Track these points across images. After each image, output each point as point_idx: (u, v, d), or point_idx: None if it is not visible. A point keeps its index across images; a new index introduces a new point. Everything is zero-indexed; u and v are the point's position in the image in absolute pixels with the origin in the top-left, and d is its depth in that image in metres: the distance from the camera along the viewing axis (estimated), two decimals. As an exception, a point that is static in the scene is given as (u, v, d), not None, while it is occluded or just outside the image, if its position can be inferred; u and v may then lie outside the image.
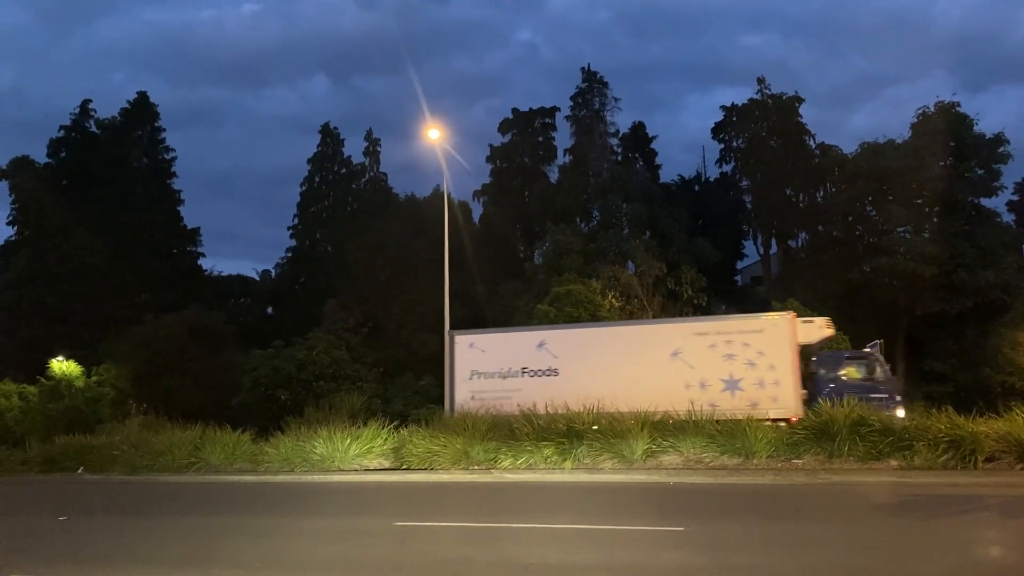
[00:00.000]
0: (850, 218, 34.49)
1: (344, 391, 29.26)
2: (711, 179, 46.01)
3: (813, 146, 40.09)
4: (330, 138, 48.72)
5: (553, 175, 45.32)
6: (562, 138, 45.41)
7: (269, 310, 49.42)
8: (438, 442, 18.87)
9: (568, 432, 18.31)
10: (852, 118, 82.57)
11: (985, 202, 33.13)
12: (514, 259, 43.59)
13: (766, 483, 15.22)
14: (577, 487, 15.92)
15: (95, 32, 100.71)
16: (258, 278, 51.57)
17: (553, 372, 21.67)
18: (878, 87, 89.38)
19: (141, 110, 45.98)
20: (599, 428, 18.28)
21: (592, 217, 39.81)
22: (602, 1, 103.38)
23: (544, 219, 40.36)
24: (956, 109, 32.77)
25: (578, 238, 35.90)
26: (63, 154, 44.12)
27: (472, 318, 32.30)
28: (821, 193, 38.86)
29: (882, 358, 21.03)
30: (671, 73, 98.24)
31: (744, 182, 44.54)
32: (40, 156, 43.54)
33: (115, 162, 43.81)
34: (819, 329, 21.15)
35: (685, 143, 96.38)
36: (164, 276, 41.97)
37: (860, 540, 9.31)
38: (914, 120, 33.39)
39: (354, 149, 49.25)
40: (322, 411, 24.87)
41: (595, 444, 17.99)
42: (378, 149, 48.85)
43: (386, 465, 19.65)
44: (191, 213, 47.45)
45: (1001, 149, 32.31)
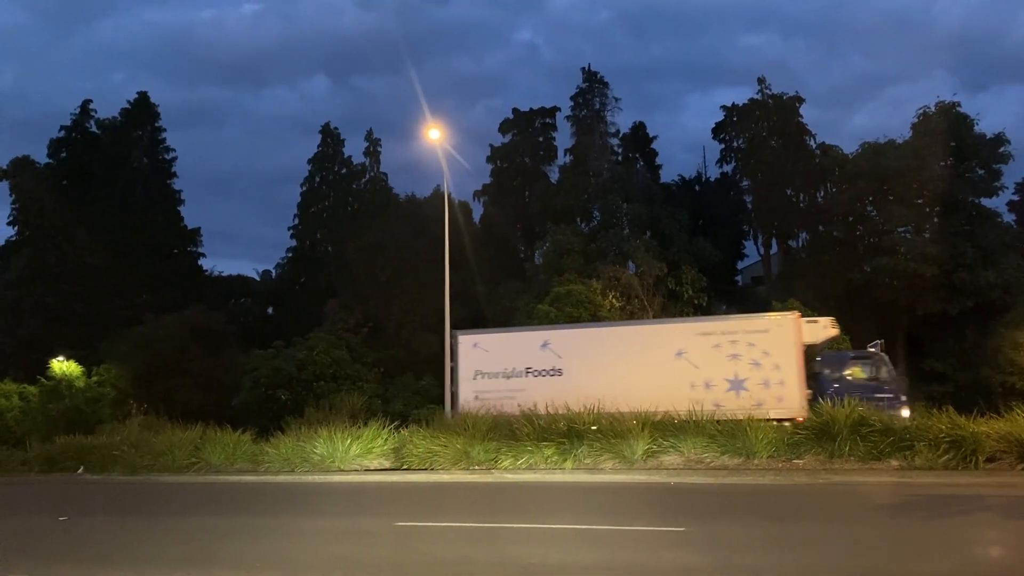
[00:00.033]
0: (851, 218, 34.50)
1: (344, 391, 29.31)
2: (711, 179, 46.12)
3: (814, 146, 40.09)
4: (330, 138, 48.69)
5: (553, 175, 45.35)
6: (562, 138, 45.51)
7: (269, 310, 49.38)
8: (438, 442, 18.86)
9: (569, 432, 18.30)
10: (853, 118, 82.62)
11: (986, 202, 33.25)
12: (514, 259, 43.58)
13: (767, 483, 15.21)
14: (578, 487, 15.90)
15: (95, 32, 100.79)
16: (258, 278, 51.60)
17: (557, 372, 21.64)
18: (878, 87, 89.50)
19: (141, 110, 45.97)
20: (599, 428, 18.27)
21: (592, 217, 39.84)
22: (602, 1, 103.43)
23: (544, 219, 40.35)
24: (957, 109, 32.86)
25: (578, 238, 35.91)
26: (63, 154, 44.08)
27: (472, 318, 32.30)
28: (821, 193, 38.87)
29: (887, 358, 21.02)
30: (671, 73, 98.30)
31: (744, 182, 44.56)
32: (40, 156, 43.64)
33: (115, 162, 43.79)
34: (824, 329, 21.12)
35: (685, 143, 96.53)
36: (164, 276, 41.93)
37: (861, 540, 9.30)
38: (915, 120, 33.51)
39: (354, 149, 49.34)
40: (322, 411, 24.92)
41: (596, 444, 17.98)
42: (378, 149, 48.89)
43: (386, 465, 19.64)
44: (191, 213, 47.57)
45: (1002, 149, 32.42)
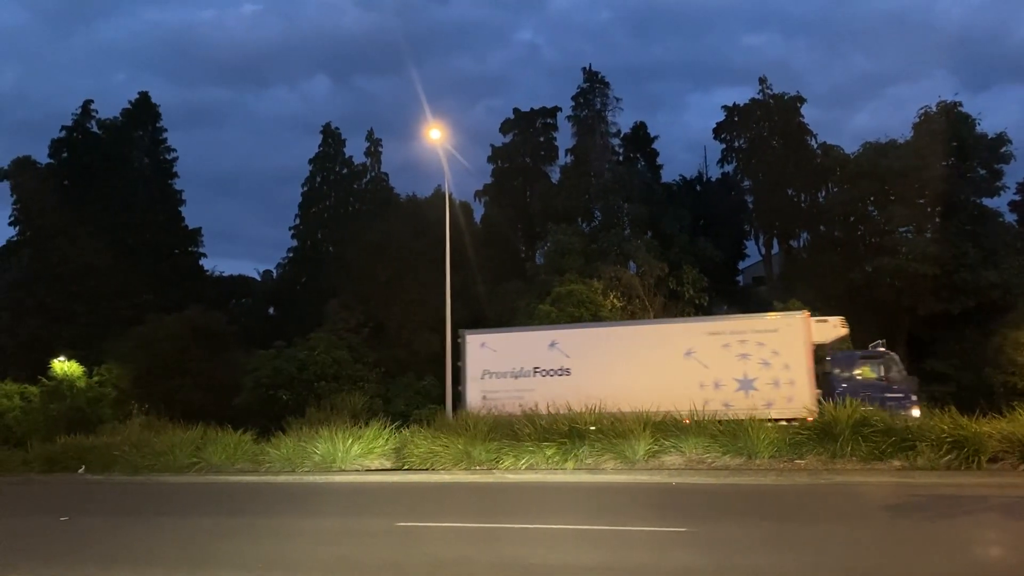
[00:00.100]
0: (852, 218, 34.42)
1: (345, 391, 29.29)
2: (713, 179, 46.00)
3: (815, 146, 39.98)
4: (331, 138, 48.62)
5: (554, 175, 45.25)
6: (563, 138, 45.38)
7: (270, 310, 49.30)
8: (440, 442, 18.84)
9: (570, 432, 18.27)
10: (854, 118, 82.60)
11: (987, 202, 33.19)
12: (515, 259, 43.52)
13: (768, 483, 15.20)
14: (579, 487, 15.89)
15: (96, 32, 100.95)
16: (259, 278, 51.51)
17: (565, 372, 21.62)
18: (880, 87, 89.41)
19: (142, 110, 45.92)
20: (600, 428, 18.23)
21: (593, 217, 39.81)
22: (603, 1, 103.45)
23: (545, 219, 40.29)
24: (958, 109, 32.80)
25: (579, 238, 35.88)
26: (65, 154, 44.03)
27: (473, 318, 32.26)
28: (823, 193, 38.77)
29: (897, 358, 20.98)
30: (672, 73, 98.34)
31: (746, 182, 44.44)
32: (42, 156, 43.53)
33: (117, 162, 43.73)
34: (833, 328, 21.09)
35: (686, 143, 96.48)
36: (165, 276, 41.90)
37: (862, 541, 9.29)
38: (916, 120, 33.40)
39: (355, 149, 49.23)
40: (323, 411, 24.91)
41: (597, 444, 17.95)
42: (379, 149, 48.77)
43: (387, 465, 19.63)
44: (192, 213, 47.50)
45: (1003, 149, 32.36)
